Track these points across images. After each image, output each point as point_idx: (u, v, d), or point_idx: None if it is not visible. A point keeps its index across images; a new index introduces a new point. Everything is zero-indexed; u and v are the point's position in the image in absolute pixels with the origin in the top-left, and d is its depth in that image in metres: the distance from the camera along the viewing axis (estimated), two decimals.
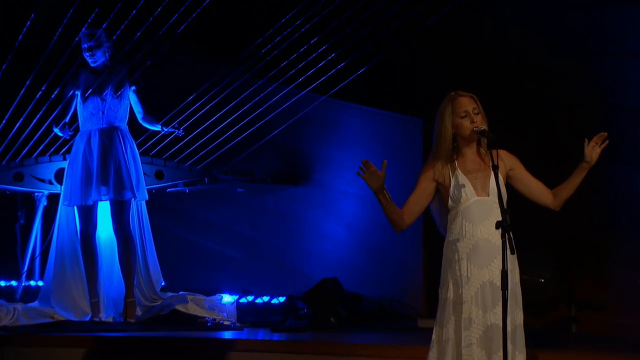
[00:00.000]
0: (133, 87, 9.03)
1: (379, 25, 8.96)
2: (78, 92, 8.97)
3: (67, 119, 8.97)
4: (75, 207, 8.95)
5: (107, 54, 8.99)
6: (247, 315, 9.29)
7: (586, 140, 5.32)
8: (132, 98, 9.05)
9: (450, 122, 5.28)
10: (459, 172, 5.30)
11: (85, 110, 8.97)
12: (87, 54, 8.93)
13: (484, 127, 5.26)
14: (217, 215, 10.66)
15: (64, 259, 9.03)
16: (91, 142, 8.93)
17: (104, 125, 8.96)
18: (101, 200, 8.91)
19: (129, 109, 9.07)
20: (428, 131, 8.95)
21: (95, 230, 8.99)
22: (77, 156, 8.95)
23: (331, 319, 8.99)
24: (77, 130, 9.04)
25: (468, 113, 5.26)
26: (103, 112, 8.95)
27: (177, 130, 8.95)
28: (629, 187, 8.81)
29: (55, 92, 9.00)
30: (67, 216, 9.05)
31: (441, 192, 5.36)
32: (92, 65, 8.97)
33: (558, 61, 9.14)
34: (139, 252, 9.07)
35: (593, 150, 5.30)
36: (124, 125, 9.06)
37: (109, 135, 8.94)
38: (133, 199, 8.92)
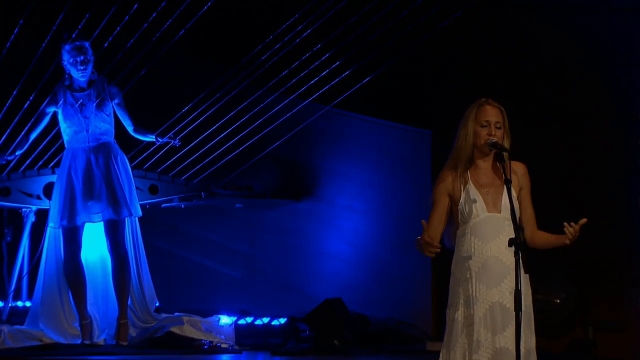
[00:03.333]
0: (116, 101, 8.93)
1: (385, 32, 8.97)
2: (58, 110, 8.86)
3: (36, 134, 8.88)
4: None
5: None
6: (246, 338, 9.25)
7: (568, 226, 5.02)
8: (118, 112, 8.96)
9: (472, 129, 5.17)
10: (470, 185, 5.17)
11: (68, 129, 8.88)
12: (80, 67, 8.78)
13: (502, 142, 5.14)
14: (214, 232, 10.63)
15: (54, 279, 8.90)
16: (78, 160, 8.83)
17: (90, 143, 8.86)
18: (91, 221, 8.82)
19: (114, 122, 8.96)
20: (437, 143, 8.97)
21: (79, 250, 8.87)
22: (62, 175, 8.86)
23: (335, 342, 8.88)
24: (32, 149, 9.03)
25: (489, 124, 5.16)
26: (87, 131, 8.85)
27: (173, 141, 8.92)
28: None
29: (43, 106, 8.90)
30: (56, 235, 8.92)
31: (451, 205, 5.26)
32: (81, 78, 8.84)
33: (577, 70, 9.15)
34: (133, 271, 8.97)
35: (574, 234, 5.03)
36: (112, 140, 8.94)
37: (97, 152, 8.85)
38: (129, 216, 8.84)
